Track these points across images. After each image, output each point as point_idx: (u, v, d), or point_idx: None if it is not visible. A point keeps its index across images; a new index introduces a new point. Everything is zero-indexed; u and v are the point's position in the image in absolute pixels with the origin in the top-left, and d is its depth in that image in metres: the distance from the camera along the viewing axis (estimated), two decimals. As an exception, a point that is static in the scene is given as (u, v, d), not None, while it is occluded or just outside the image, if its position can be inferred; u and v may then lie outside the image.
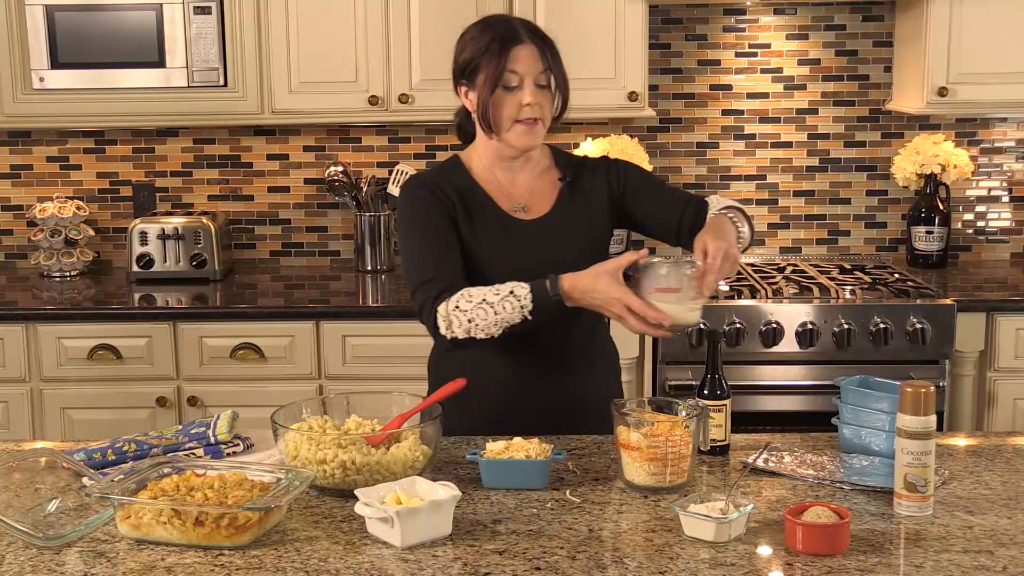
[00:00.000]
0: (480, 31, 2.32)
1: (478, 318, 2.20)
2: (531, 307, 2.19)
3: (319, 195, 4.17)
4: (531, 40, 2.29)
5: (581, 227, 2.40)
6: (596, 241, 2.43)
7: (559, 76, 2.32)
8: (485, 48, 2.28)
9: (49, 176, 4.17)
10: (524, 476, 2.04)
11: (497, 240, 2.35)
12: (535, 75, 2.28)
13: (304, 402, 2.22)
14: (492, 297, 2.20)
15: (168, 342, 3.57)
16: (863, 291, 3.60)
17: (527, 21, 2.38)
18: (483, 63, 2.28)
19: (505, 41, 2.27)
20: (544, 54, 2.29)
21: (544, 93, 2.30)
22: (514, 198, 2.40)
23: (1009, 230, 4.18)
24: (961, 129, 4.12)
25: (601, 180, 2.44)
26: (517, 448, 2.07)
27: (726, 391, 2.21)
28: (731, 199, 2.44)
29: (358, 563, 1.75)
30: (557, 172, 2.45)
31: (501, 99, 2.28)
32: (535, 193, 2.41)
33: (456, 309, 2.22)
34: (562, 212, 2.41)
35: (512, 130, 2.31)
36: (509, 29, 2.30)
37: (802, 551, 1.76)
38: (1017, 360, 3.57)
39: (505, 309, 2.19)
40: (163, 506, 1.81)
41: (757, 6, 4.06)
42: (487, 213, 2.37)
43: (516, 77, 2.27)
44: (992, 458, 2.19)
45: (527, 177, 2.42)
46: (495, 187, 2.40)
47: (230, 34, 3.73)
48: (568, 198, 2.42)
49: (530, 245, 2.36)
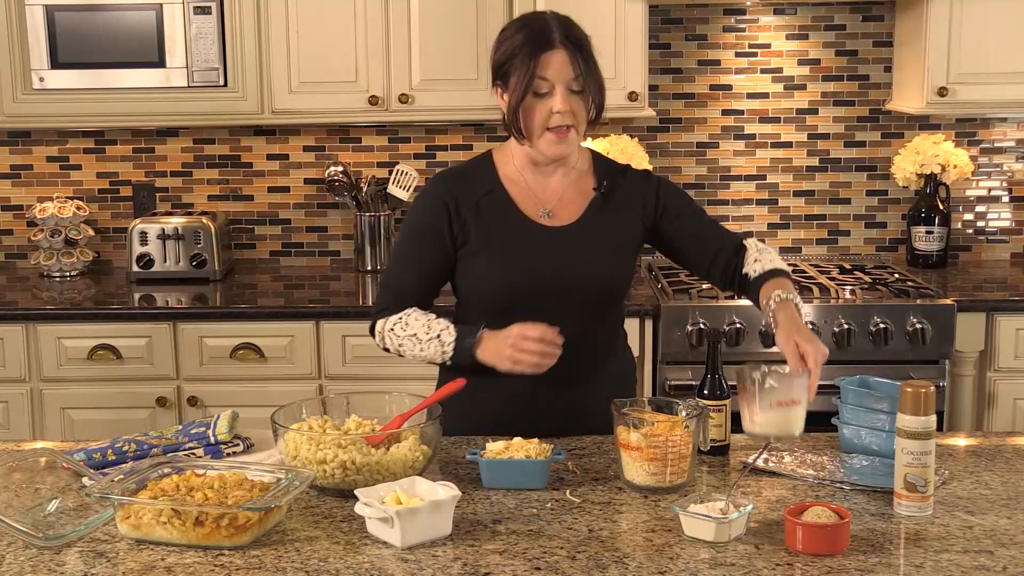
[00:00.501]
0: (515, 31, 2.25)
1: (406, 347, 2.30)
2: (451, 355, 2.26)
3: (319, 195, 4.17)
4: (564, 45, 2.20)
5: (608, 240, 2.34)
6: (621, 256, 2.36)
7: (593, 80, 2.24)
8: (517, 52, 2.21)
9: (49, 176, 4.17)
10: (524, 476, 2.04)
11: (512, 245, 2.31)
12: (567, 81, 2.21)
13: (304, 402, 2.22)
14: (422, 334, 2.26)
15: (168, 342, 3.57)
16: (863, 291, 3.60)
17: (564, 20, 2.27)
18: (514, 67, 2.22)
19: (536, 46, 2.20)
20: (576, 59, 2.21)
21: (577, 99, 2.23)
22: (542, 202, 2.34)
23: (1009, 230, 4.18)
24: (961, 129, 4.12)
25: (638, 195, 2.37)
26: (517, 448, 2.07)
27: (726, 391, 2.21)
28: (771, 253, 2.33)
29: (358, 563, 1.75)
30: (593, 179, 2.38)
31: (531, 106, 2.22)
32: (565, 199, 2.35)
33: (391, 331, 2.31)
34: (590, 222, 2.34)
35: (543, 138, 2.25)
36: (543, 32, 2.21)
37: (802, 551, 1.76)
38: (1017, 360, 3.57)
39: (429, 349, 2.26)
40: (163, 506, 1.81)
41: (757, 6, 4.06)
42: (507, 217, 2.33)
43: (547, 84, 2.20)
44: (992, 458, 2.19)
45: (559, 182, 2.36)
46: (522, 189, 2.35)
47: (230, 34, 3.73)
48: (599, 208, 2.35)
49: (549, 252, 2.30)
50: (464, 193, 2.33)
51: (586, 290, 2.31)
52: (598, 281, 2.32)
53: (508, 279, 2.28)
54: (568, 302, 2.29)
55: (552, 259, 2.30)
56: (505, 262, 2.30)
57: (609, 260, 2.34)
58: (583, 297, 2.31)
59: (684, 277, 3.81)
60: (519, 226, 2.32)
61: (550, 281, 2.28)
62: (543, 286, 2.28)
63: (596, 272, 2.32)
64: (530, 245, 2.31)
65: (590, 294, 2.32)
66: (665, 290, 3.64)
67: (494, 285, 2.29)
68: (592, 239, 2.33)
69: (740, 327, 3.45)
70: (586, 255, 2.32)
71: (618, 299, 2.41)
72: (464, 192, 2.33)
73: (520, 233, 2.32)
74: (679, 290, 3.62)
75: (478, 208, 2.32)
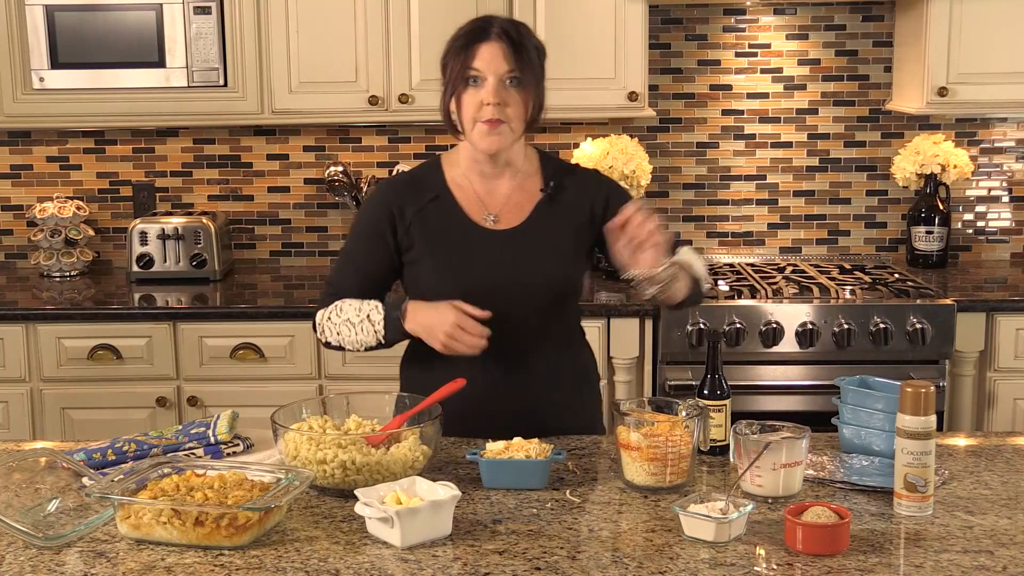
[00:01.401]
0: (459, 31, 2.28)
1: (344, 334, 2.31)
2: (383, 333, 2.27)
3: (319, 195, 4.17)
4: (500, 39, 2.21)
5: (555, 241, 2.33)
6: (569, 257, 2.35)
7: (532, 78, 2.24)
8: (453, 45, 2.25)
9: (49, 176, 4.17)
10: (524, 476, 2.04)
11: (457, 251, 2.31)
12: (500, 74, 2.21)
13: (304, 402, 2.22)
14: (354, 317, 2.27)
15: (168, 342, 3.57)
16: (863, 291, 3.60)
17: (510, 22, 2.28)
18: (450, 60, 2.25)
19: (471, 38, 2.22)
20: (513, 54, 2.20)
21: (512, 94, 2.22)
22: (488, 207, 2.34)
23: (1009, 230, 4.18)
24: (961, 129, 4.12)
25: (586, 196, 2.37)
26: (517, 448, 2.07)
27: (726, 391, 2.21)
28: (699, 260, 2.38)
29: (358, 563, 1.75)
30: (541, 181, 2.37)
31: (463, 97, 2.24)
32: (512, 202, 2.35)
33: (328, 320, 2.33)
34: (536, 224, 2.33)
35: (475, 130, 2.24)
36: (481, 27, 2.24)
37: (802, 551, 1.76)
38: (1017, 360, 3.57)
39: (364, 331, 2.27)
40: (163, 506, 1.81)
41: (757, 6, 4.06)
42: (450, 222, 2.32)
43: (479, 74, 2.21)
44: (992, 458, 2.19)
45: (506, 185, 2.35)
46: (468, 194, 2.35)
47: (230, 34, 3.73)
48: (546, 210, 2.35)
49: (494, 257, 2.30)
50: (410, 199, 2.34)
51: (535, 293, 2.31)
52: (546, 284, 2.32)
53: (454, 286, 2.28)
54: (518, 305, 2.29)
55: (498, 264, 2.30)
56: (450, 269, 2.30)
57: (556, 262, 2.33)
58: (533, 300, 2.31)
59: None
60: (464, 232, 2.32)
61: (497, 287, 2.27)
62: (490, 291, 2.26)
63: (543, 275, 2.31)
64: (475, 251, 2.31)
65: (539, 297, 2.32)
66: (665, 290, 3.63)
67: (440, 294, 2.27)
68: (538, 241, 2.33)
69: (740, 327, 3.45)
70: (532, 258, 2.31)
71: (570, 299, 2.40)
72: (410, 198, 2.34)
73: (465, 239, 2.31)
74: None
75: (423, 214, 2.32)
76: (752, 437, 2.00)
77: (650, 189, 4.04)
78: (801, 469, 2.00)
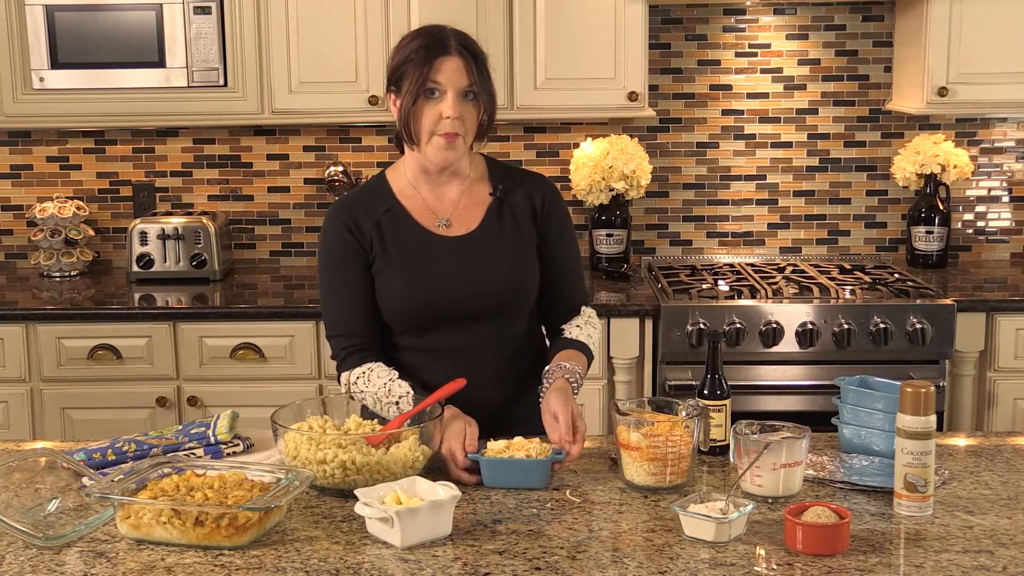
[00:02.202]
0: (412, 39, 2.28)
1: (368, 402, 2.29)
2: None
3: (319, 195, 4.17)
4: (460, 53, 2.23)
5: (509, 244, 2.35)
6: (524, 258, 2.37)
7: (485, 92, 2.26)
8: (412, 56, 2.24)
9: (49, 176, 4.17)
10: (525, 475, 2.04)
11: (414, 258, 2.32)
12: (460, 88, 2.22)
13: (304, 402, 2.22)
14: (383, 396, 2.25)
15: (168, 342, 3.57)
16: (863, 291, 3.60)
17: (462, 33, 2.30)
18: (408, 71, 2.24)
19: (432, 51, 2.22)
20: (471, 68, 2.23)
21: (468, 107, 2.24)
22: (438, 213, 2.35)
23: (1009, 230, 4.18)
24: (961, 129, 4.12)
25: (531, 197, 2.39)
26: (518, 447, 2.07)
27: (726, 391, 2.21)
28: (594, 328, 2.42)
29: (358, 563, 1.75)
30: (489, 185, 2.39)
31: (422, 110, 2.23)
32: (461, 207, 2.36)
33: (354, 384, 2.31)
34: (490, 228, 2.35)
35: (431, 143, 2.25)
36: (439, 39, 2.24)
37: (802, 551, 1.76)
38: (1017, 360, 3.57)
39: (388, 412, 2.25)
40: (163, 506, 1.81)
41: (757, 6, 4.06)
42: (405, 231, 2.33)
43: (439, 88, 2.22)
44: (992, 458, 2.19)
45: (455, 191, 2.37)
46: (417, 203, 2.35)
47: (230, 34, 3.73)
48: (497, 214, 2.36)
49: (451, 262, 2.31)
50: (362, 216, 2.34)
51: (495, 296, 2.32)
52: (506, 287, 2.33)
53: (417, 294, 2.29)
54: (480, 309, 2.31)
55: (456, 269, 2.31)
56: (411, 278, 2.31)
57: (513, 264, 2.35)
58: (494, 303, 2.32)
59: (684, 277, 3.81)
60: (419, 239, 2.33)
61: (459, 291, 2.28)
62: (452, 297, 2.29)
63: (502, 278, 2.32)
64: (433, 258, 2.32)
65: (500, 299, 2.33)
66: (665, 290, 3.64)
67: (406, 302, 2.29)
68: (493, 245, 2.34)
69: (740, 327, 3.45)
70: (490, 262, 2.33)
71: (530, 299, 2.41)
72: (362, 215, 2.34)
73: (421, 246, 2.32)
74: (679, 290, 3.62)
75: (379, 227, 2.33)
76: (752, 437, 2.00)
77: (650, 189, 4.04)
78: (801, 469, 2.00)
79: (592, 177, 3.85)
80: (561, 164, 4.09)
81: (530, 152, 4.11)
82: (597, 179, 3.85)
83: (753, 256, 4.17)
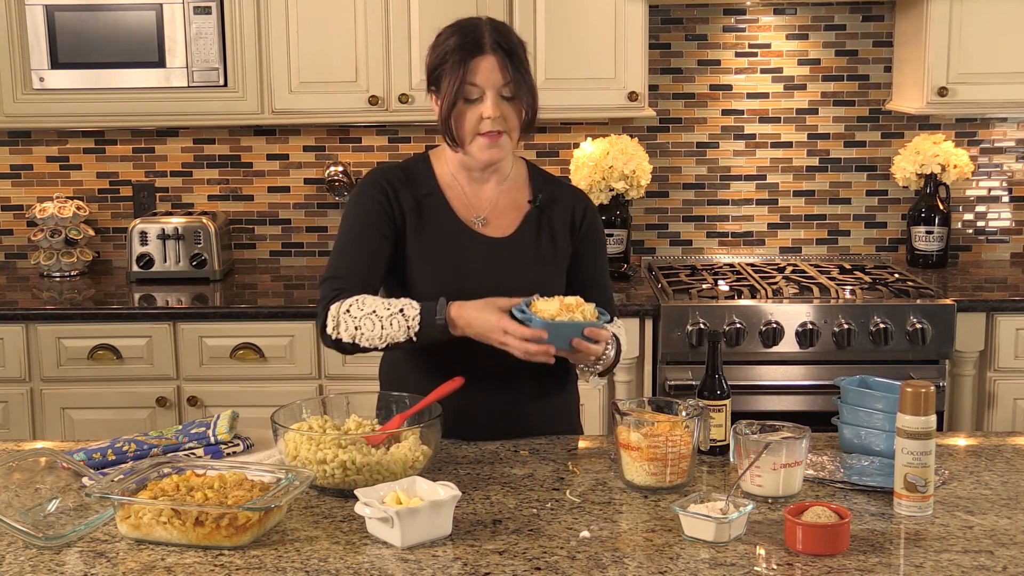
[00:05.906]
0: (447, 36, 2.26)
1: (364, 327, 2.20)
2: (417, 329, 2.18)
3: (319, 195, 4.17)
4: (495, 51, 2.21)
5: (542, 254, 2.35)
6: (555, 269, 2.37)
7: (525, 86, 2.24)
8: (448, 57, 2.23)
9: (49, 176, 4.17)
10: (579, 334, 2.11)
11: (447, 250, 2.31)
12: (498, 87, 2.21)
13: (304, 402, 2.22)
14: (382, 311, 2.19)
15: (168, 342, 3.57)
16: (863, 291, 3.60)
17: (499, 26, 2.28)
18: (445, 73, 2.23)
19: (467, 52, 2.21)
20: (507, 65, 2.21)
21: (508, 105, 2.23)
22: (475, 208, 2.35)
23: (1009, 230, 4.18)
24: (961, 129, 4.12)
25: (569, 209, 2.38)
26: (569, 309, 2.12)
27: (726, 391, 2.21)
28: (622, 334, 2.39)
29: (358, 563, 1.75)
30: (528, 191, 2.38)
31: (462, 112, 2.23)
32: (499, 208, 2.36)
33: (347, 312, 2.22)
34: (527, 236, 2.35)
35: (475, 143, 2.25)
36: (474, 38, 2.22)
37: (802, 551, 1.76)
38: (1017, 360, 3.57)
39: (392, 326, 2.18)
40: (163, 506, 1.81)
41: (757, 6, 4.06)
42: (442, 221, 2.32)
43: (477, 90, 2.21)
44: (992, 458, 2.19)
45: (493, 189, 2.36)
46: (457, 194, 2.35)
47: (230, 34, 3.73)
48: (534, 222, 2.36)
49: (484, 261, 2.31)
50: (405, 189, 2.33)
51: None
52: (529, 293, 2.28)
53: (444, 284, 2.26)
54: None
55: (488, 269, 2.30)
56: (442, 268, 2.30)
57: (543, 272, 2.34)
58: None
59: (684, 277, 3.81)
60: (456, 232, 2.32)
61: (484, 292, 2.25)
62: (477, 295, 2.24)
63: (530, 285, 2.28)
64: (467, 252, 2.31)
65: None
66: (665, 290, 3.64)
67: (431, 290, 2.25)
68: (528, 253, 2.34)
69: (740, 327, 3.45)
70: (521, 269, 2.32)
71: None
72: (405, 188, 2.33)
73: (456, 240, 2.31)
74: (679, 290, 3.62)
75: (419, 207, 2.32)
76: (752, 437, 2.00)
77: (650, 189, 4.04)
78: (801, 469, 2.00)
79: (592, 177, 3.85)
80: (561, 164, 4.09)
81: (530, 152, 4.11)
82: (597, 179, 3.85)
83: (753, 256, 4.17)
